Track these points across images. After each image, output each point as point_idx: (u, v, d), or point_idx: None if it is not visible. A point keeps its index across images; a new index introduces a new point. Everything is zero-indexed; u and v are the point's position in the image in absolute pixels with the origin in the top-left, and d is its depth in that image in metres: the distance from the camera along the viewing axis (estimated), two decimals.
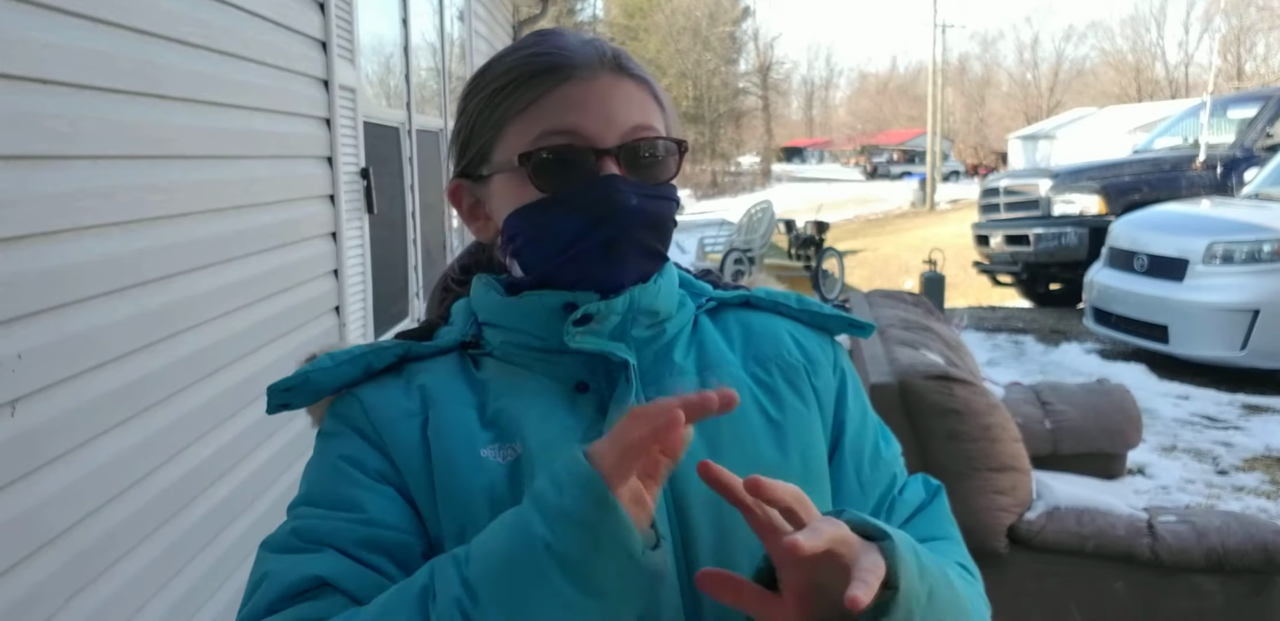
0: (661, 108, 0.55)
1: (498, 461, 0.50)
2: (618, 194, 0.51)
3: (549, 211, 0.52)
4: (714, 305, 0.59)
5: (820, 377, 0.57)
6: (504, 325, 0.54)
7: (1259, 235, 3.86)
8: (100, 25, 1.09)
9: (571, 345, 0.51)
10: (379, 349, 0.54)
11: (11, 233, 0.92)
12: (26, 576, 0.92)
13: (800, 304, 0.59)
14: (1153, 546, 1.49)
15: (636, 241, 0.52)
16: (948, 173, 25.71)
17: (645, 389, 0.53)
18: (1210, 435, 3.30)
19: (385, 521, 0.50)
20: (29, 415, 0.93)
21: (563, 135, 0.51)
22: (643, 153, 0.53)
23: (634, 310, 0.53)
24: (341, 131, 1.97)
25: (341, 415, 0.54)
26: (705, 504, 0.50)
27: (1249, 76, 20.03)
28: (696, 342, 0.56)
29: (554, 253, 0.52)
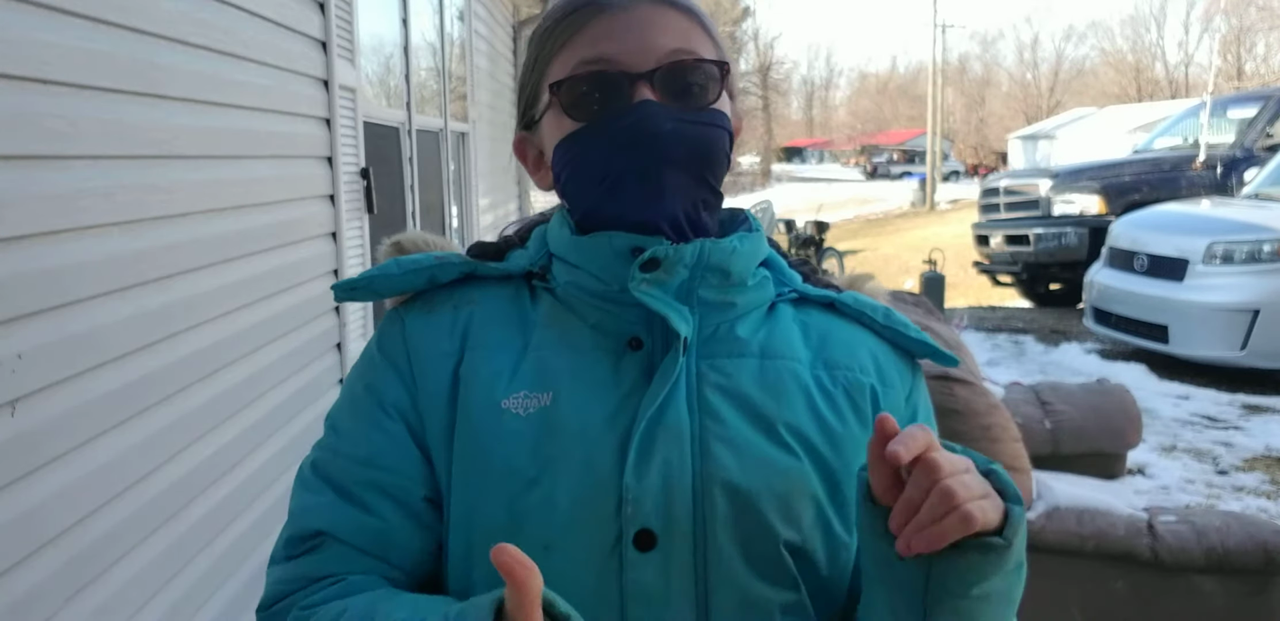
0: (709, 34, 0.52)
1: (517, 413, 0.49)
2: (651, 119, 0.48)
3: (584, 141, 0.50)
4: (796, 297, 0.55)
5: (889, 402, 0.53)
6: (571, 262, 0.52)
7: (1259, 235, 3.86)
8: (101, 25, 1.09)
9: (635, 293, 0.49)
10: (447, 263, 0.53)
11: (11, 233, 0.91)
12: (26, 576, 0.92)
13: (887, 319, 0.55)
14: (1153, 546, 1.48)
15: (676, 168, 0.49)
16: (948, 173, 25.71)
17: (700, 362, 0.50)
18: (1210, 435, 3.30)
19: (387, 463, 0.50)
20: (29, 415, 0.93)
21: (596, 63, 0.49)
22: (680, 76, 0.50)
23: (703, 265, 0.49)
24: (341, 131, 1.97)
25: (383, 337, 0.54)
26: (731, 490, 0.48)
27: (1249, 76, 20.03)
28: (768, 327, 0.53)
29: (592, 185, 0.50)
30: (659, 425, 0.48)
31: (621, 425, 0.48)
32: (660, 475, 0.47)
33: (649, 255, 0.48)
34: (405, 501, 0.50)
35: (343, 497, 0.50)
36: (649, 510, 0.47)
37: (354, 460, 0.51)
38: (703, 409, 0.49)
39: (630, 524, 0.47)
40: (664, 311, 0.48)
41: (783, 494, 0.48)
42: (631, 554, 0.47)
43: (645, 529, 0.47)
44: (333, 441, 0.53)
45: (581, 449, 0.48)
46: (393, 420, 0.51)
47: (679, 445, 0.48)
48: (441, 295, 0.54)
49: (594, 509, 0.47)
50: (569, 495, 0.47)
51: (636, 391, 0.49)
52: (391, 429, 0.51)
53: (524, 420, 0.49)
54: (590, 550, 0.47)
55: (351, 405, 0.53)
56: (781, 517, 0.48)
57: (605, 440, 0.48)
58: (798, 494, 0.49)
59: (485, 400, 0.49)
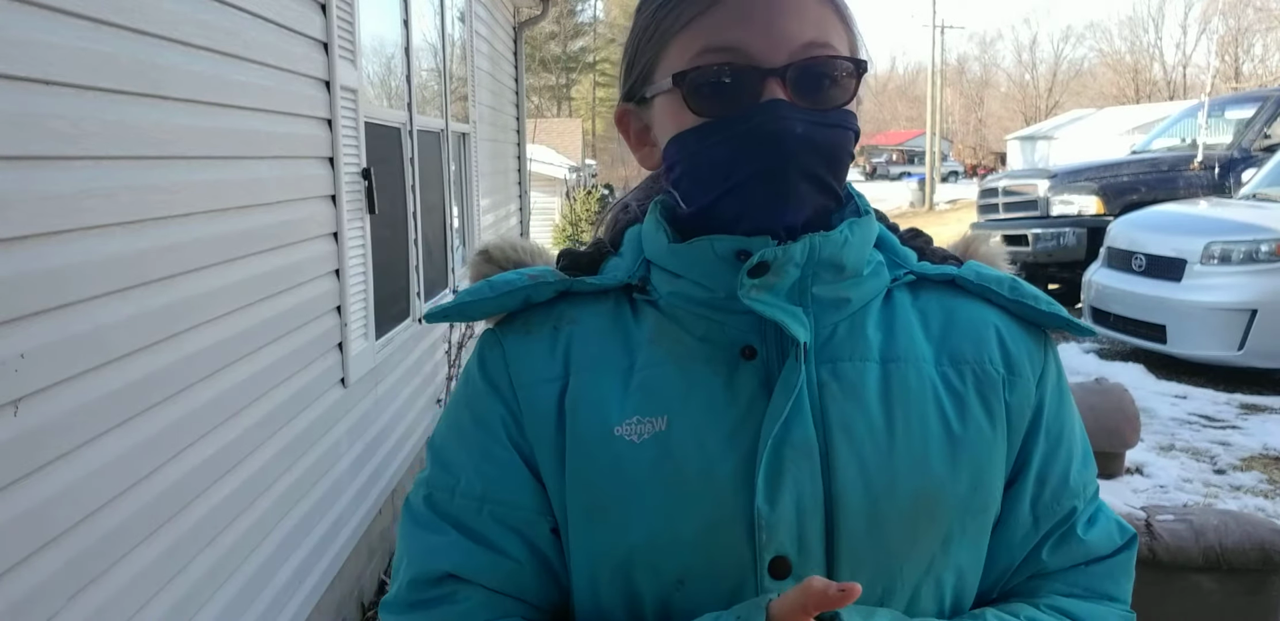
0: (845, 24, 0.48)
1: (631, 440, 0.46)
2: (781, 121, 0.44)
3: (706, 138, 0.46)
4: (912, 279, 0.51)
5: (1017, 392, 0.49)
6: (671, 270, 0.49)
7: (1256, 235, 3.87)
8: (103, 26, 1.09)
9: (745, 301, 0.45)
10: (541, 283, 0.50)
11: (14, 233, 0.92)
12: (29, 575, 0.92)
13: (1014, 293, 0.50)
14: (1151, 545, 1.49)
15: (803, 175, 0.45)
16: (946, 173, 25.72)
17: (819, 369, 0.47)
18: (1208, 434, 3.30)
19: (507, 497, 0.48)
20: (32, 414, 0.93)
21: (724, 52, 0.45)
22: (814, 74, 0.46)
23: (815, 262, 0.46)
24: (343, 132, 1.97)
25: (484, 361, 0.51)
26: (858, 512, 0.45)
27: (1246, 77, 20.06)
28: (887, 322, 0.49)
29: (712, 185, 0.46)
30: (785, 443, 0.45)
31: (743, 445, 0.45)
32: (793, 498, 0.44)
33: (757, 259, 0.45)
34: (533, 535, 0.48)
35: (467, 536, 0.48)
36: (783, 536, 0.44)
37: (472, 496, 0.48)
38: (827, 422, 0.46)
39: (765, 551, 0.44)
40: (779, 318, 0.45)
41: (910, 514, 0.46)
42: (768, 582, 0.44)
43: (780, 556, 0.44)
44: (444, 476, 0.50)
45: (702, 473, 0.45)
46: (505, 449, 0.49)
47: (809, 464, 0.45)
48: (539, 315, 0.51)
49: (723, 537, 0.45)
50: (695, 525, 0.45)
51: (755, 406, 0.46)
52: (505, 459, 0.48)
53: (639, 448, 0.46)
54: (724, 580, 0.45)
55: (459, 435, 0.50)
56: (908, 539, 0.46)
57: (726, 463, 0.45)
58: (927, 514, 0.46)
59: (596, 427, 0.47)
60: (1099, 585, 0.51)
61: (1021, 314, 0.51)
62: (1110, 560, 0.51)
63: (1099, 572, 0.51)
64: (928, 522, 0.46)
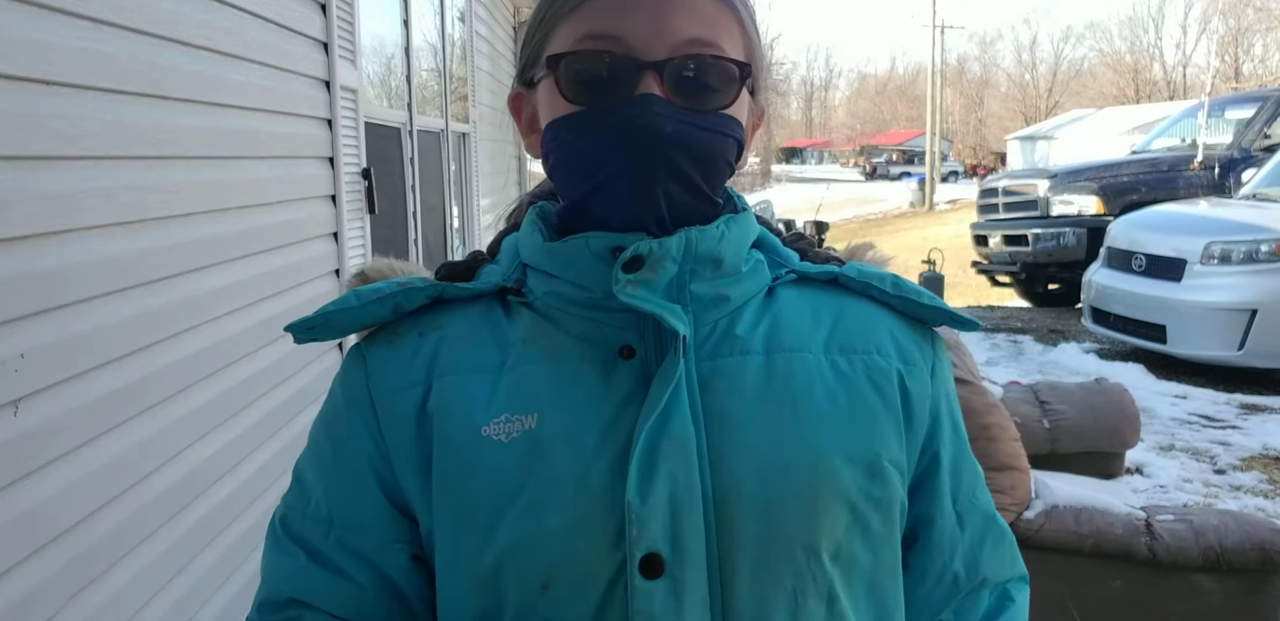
0: (741, 26, 0.46)
1: (499, 440, 0.44)
2: (652, 117, 0.43)
3: (577, 128, 0.44)
4: (794, 277, 0.50)
5: (915, 381, 0.48)
6: (547, 271, 0.47)
7: (1256, 235, 3.86)
8: (103, 26, 1.09)
9: (620, 297, 0.44)
10: (410, 289, 0.48)
11: (14, 233, 0.92)
12: (29, 575, 0.92)
13: (896, 289, 0.49)
14: (1151, 545, 1.49)
15: (671, 174, 0.43)
16: (946, 173, 25.72)
17: (700, 365, 0.45)
18: (1208, 434, 3.30)
19: (358, 525, 0.47)
20: (31, 414, 0.93)
21: (603, 40, 0.44)
22: (693, 72, 0.44)
23: (692, 256, 0.45)
24: (343, 132, 1.97)
25: (345, 377, 0.50)
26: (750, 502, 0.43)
27: (1246, 77, 20.06)
28: (771, 316, 0.48)
29: (582, 178, 0.45)
30: (662, 435, 0.43)
31: (618, 440, 0.43)
32: (666, 492, 0.42)
33: (631, 253, 0.44)
34: (381, 562, 0.46)
35: (315, 560, 0.47)
36: (655, 532, 0.42)
37: (320, 519, 0.47)
38: (709, 415, 0.44)
39: (635, 548, 0.42)
40: (656, 311, 0.44)
41: (809, 498, 0.44)
42: (638, 581, 0.42)
43: (652, 553, 0.42)
44: (300, 497, 0.49)
45: (573, 470, 0.43)
46: (361, 475, 0.47)
47: (685, 457, 0.43)
48: (407, 324, 0.49)
49: (593, 535, 0.42)
50: (563, 523, 0.43)
51: (633, 401, 0.44)
52: (358, 483, 0.47)
53: (507, 447, 0.44)
54: (591, 582, 0.42)
55: (316, 456, 0.49)
56: (811, 524, 0.44)
57: (600, 457, 0.43)
58: (826, 495, 0.44)
59: (462, 429, 0.45)
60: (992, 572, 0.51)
61: (906, 310, 0.50)
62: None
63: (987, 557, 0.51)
64: (828, 508, 0.44)
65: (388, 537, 0.47)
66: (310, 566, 0.47)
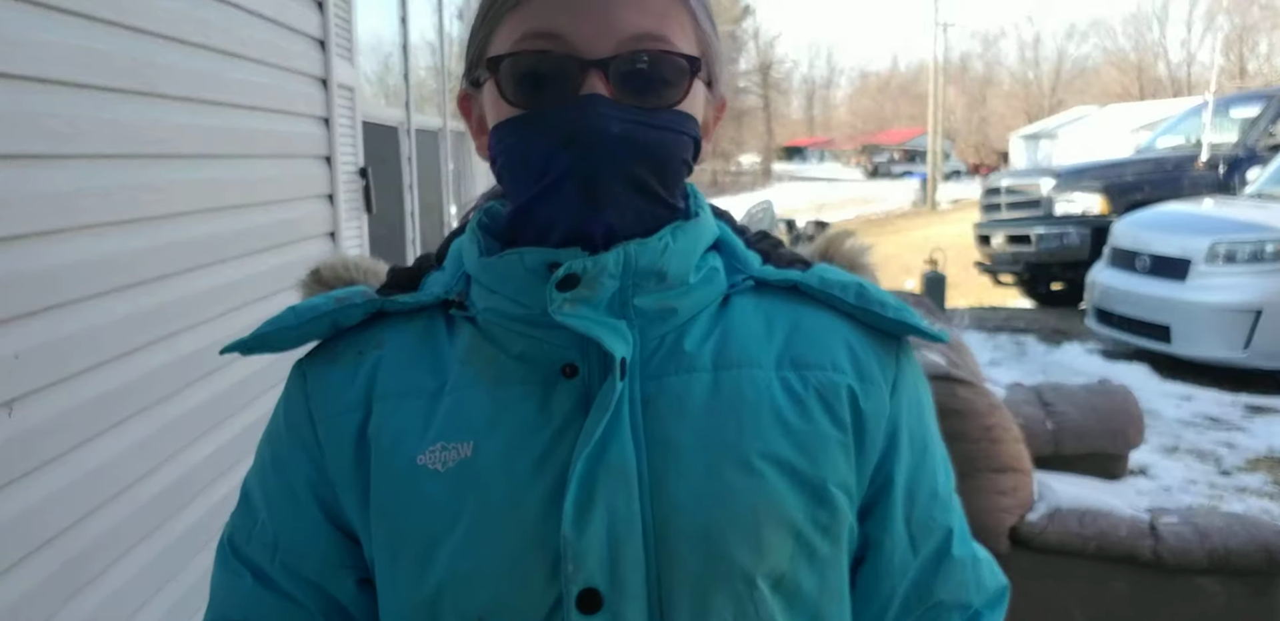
0: (692, 17, 0.44)
1: (435, 469, 0.43)
2: (597, 118, 0.41)
3: (521, 131, 0.43)
4: (753, 284, 0.47)
5: (871, 402, 0.45)
6: (487, 286, 0.45)
7: (1261, 235, 3.85)
8: (98, 24, 1.08)
9: (557, 317, 0.42)
10: (349, 306, 0.46)
11: (9, 232, 0.91)
12: (24, 578, 0.91)
13: (859, 299, 0.46)
14: (1155, 547, 1.48)
15: (620, 178, 0.41)
16: (949, 172, 25.70)
17: (645, 385, 0.43)
18: (1213, 436, 3.29)
19: (303, 548, 0.46)
20: (26, 415, 0.93)
21: (544, 39, 0.42)
22: (640, 69, 0.42)
23: (632, 271, 0.43)
24: (340, 131, 1.97)
25: (288, 397, 0.48)
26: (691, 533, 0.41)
27: (1252, 75, 20.00)
28: (721, 329, 0.45)
29: (527, 183, 0.43)
30: (599, 464, 0.41)
31: (554, 469, 0.42)
32: (604, 524, 0.41)
33: (564, 272, 0.42)
34: (328, 585, 0.46)
35: (262, 583, 0.46)
36: (593, 566, 0.41)
37: (265, 543, 0.47)
38: (651, 440, 0.42)
39: (571, 583, 0.41)
40: (595, 334, 0.42)
41: (752, 526, 0.42)
42: (575, 618, 0.41)
43: (589, 588, 0.41)
44: (246, 518, 0.48)
45: (507, 502, 0.42)
46: (303, 499, 0.46)
47: (624, 486, 0.41)
48: (345, 341, 0.47)
49: (528, 570, 0.41)
50: (498, 557, 0.41)
51: (572, 426, 0.42)
52: (303, 509, 0.46)
53: (442, 477, 0.42)
54: (527, 617, 0.41)
55: (261, 476, 0.48)
56: (753, 554, 0.42)
57: (535, 488, 0.42)
58: (770, 522, 0.42)
59: (398, 458, 0.43)
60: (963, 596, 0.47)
61: (869, 321, 0.47)
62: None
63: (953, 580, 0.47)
64: (771, 537, 0.42)
65: (333, 562, 0.46)
66: (257, 588, 0.47)
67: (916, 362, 0.49)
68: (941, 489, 0.48)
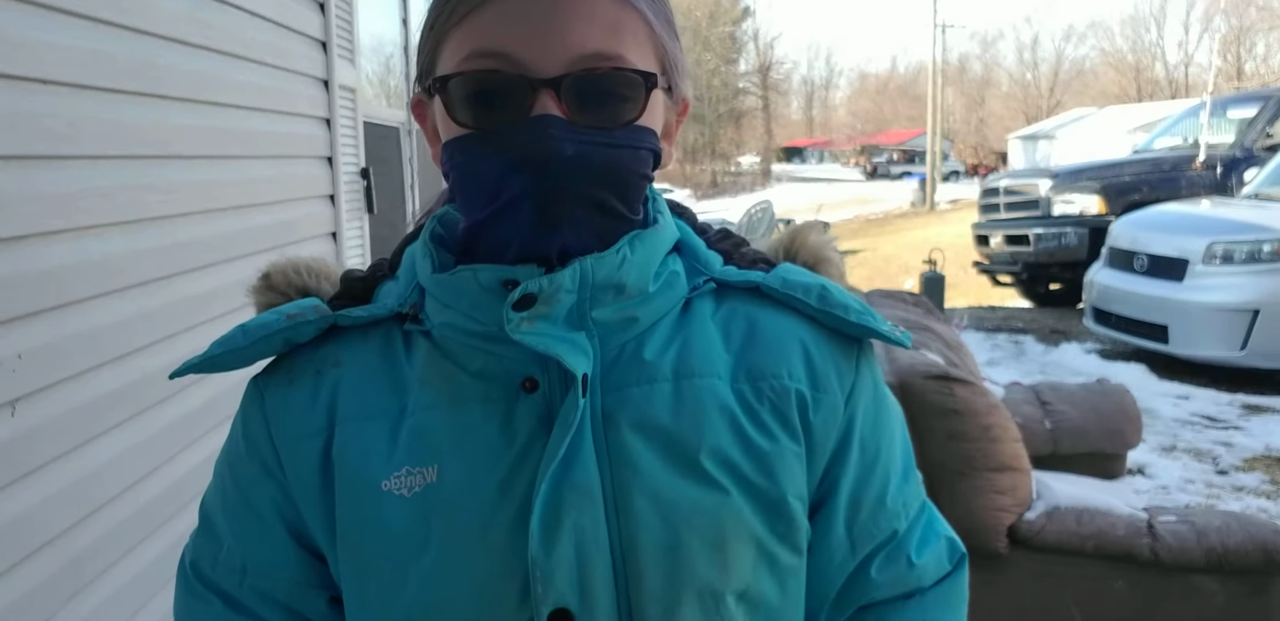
0: (648, 27, 0.42)
1: (401, 495, 0.42)
2: (548, 141, 0.40)
3: (472, 151, 0.41)
4: (714, 287, 0.47)
5: (822, 410, 0.45)
6: (440, 300, 0.44)
7: (1259, 235, 3.86)
8: (100, 25, 1.09)
9: (514, 336, 0.41)
10: (300, 323, 0.45)
11: (11, 233, 0.91)
12: (26, 577, 0.92)
13: (822, 302, 0.46)
14: (1153, 546, 1.48)
15: (578, 198, 0.41)
16: (948, 173, 25.72)
17: (605, 397, 0.43)
18: (1210, 435, 3.30)
19: (271, 572, 0.46)
20: (29, 415, 0.93)
21: (491, 58, 0.40)
22: (593, 87, 0.40)
23: (590, 285, 0.42)
24: (341, 131, 1.97)
25: (246, 418, 0.47)
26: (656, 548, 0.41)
27: (1249, 76, 20.04)
28: (682, 337, 0.45)
29: (481, 201, 0.42)
30: (564, 484, 0.41)
31: (520, 490, 0.41)
32: (572, 543, 0.41)
33: (520, 293, 0.41)
34: (300, 607, 0.46)
35: (231, 607, 0.46)
36: (563, 587, 0.40)
37: (233, 567, 0.46)
38: (614, 456, 0.42)
39: (542, 604, 0.40)
40: (554, 352, 0.41)
41: (716, 540, 0.42)
42: None
43: (560, 608, 0.41)
44: (208, 542, 0.47)
45: (475, 526, 0.41)
46: (269, 521, 0.46)
47: (591, 505, 0.41)
48: (303, 358, 0.46)
49: (499, 594, 0.41)
50: (468, 583, 0.41)
51: (535, 445, 0.42)
52: (268, 531, 0.45)
53: (408, 502, 0.42)
54: None
55: (223, 498, 0.47)
56: (718, 567, 0.42)
57: (502, 510, 0.41)
58: (733, 536, 0.43)
59: (363, 483, 0.43)
60: (933, 616, 0.48)
61: (831, 324, 0.46)
62: (940, 587, 0.48)
63: (930, 603, 0.48)
64: (735, 549, 0.43)
65: (304, 583, 0.46)
66: (227, 613, 0.46)
67: (877, 368, 0.49)
68: (891, 496, 0.48)
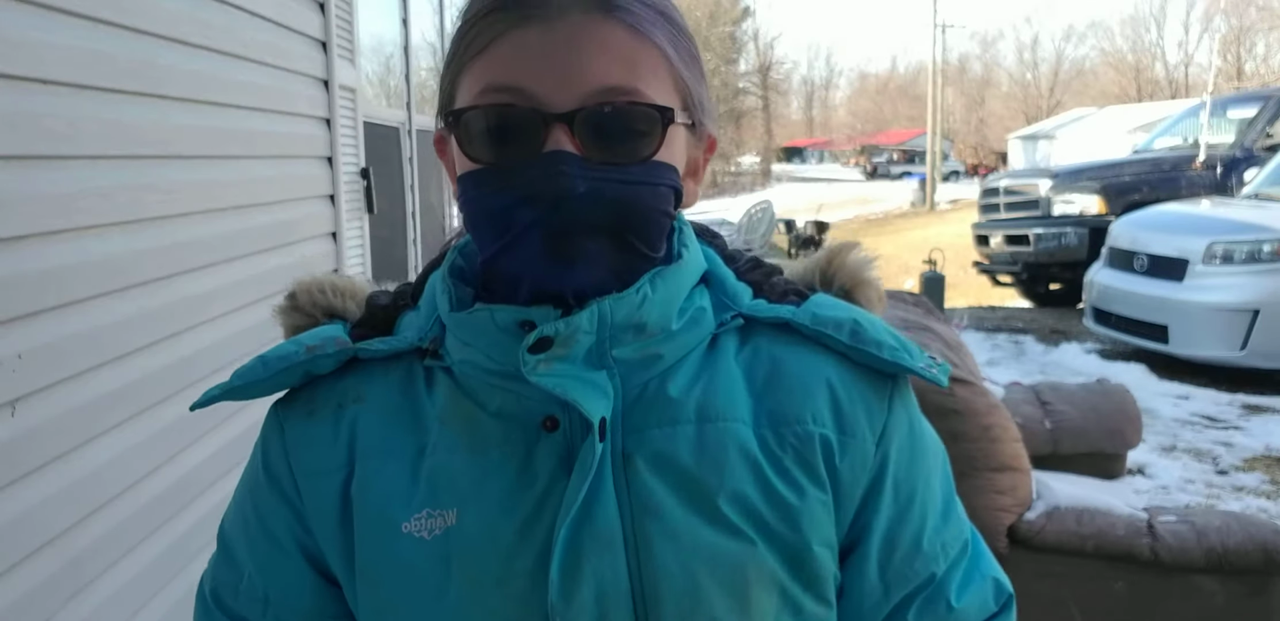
0: (665, 59, 0.42)
1: (421, 537, 0.42)
2: (559, 177, 0.39)
3: (484, 186, 0.41)
4: (742, 323, 0.45)
5: (849, 456, 0.44)
6: (460, 338, 0.44)
7: (1259, 235, 3.86)
8: (100, 25, 1.09)
9: (531, 379, 0.41)
10: (319, 356, 0.45)
11: (11, 233, 0.91)
12: (26, 577, 0.92)
13: (853, 339, 0.44)
14: (1153, 546, 1.48)
15: (591, 235, 0.40)
16: (947, 173, 25.72)
17: (626, 438, 0.42)
18: (1210, 435, 3.30)
19: (292, 604, 0.46)
20: (29, 415, 0.93)
21: (505, 92, 0.40)
22: (608, 122, 0.40)
23: (609, 326, 0.41)
24: (342, 131, 1.97)
25: (266, 449, 0.47)
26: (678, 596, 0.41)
27: (1249, 76, 20.04)
28: (707, 376, 0.44)
29: (492, 237, 0.41)
30: (583, 530, 0.40)
31: (539, 535, 0.41)
32: (592, 591, 0.40)
33: (536, 336, 0.40)
34: None
35: None
36: None
37: (255, 597, 0.46)
38: (634, 499, 0.41)
39: None
40: (571, 397, 0.40)
41: (738, 588, 0.42)
42: None
43: None
44: (229, 571, 0.48)
45: (494, 572, 0.41)
46: (289, 552, 0.46)
47: (611, 552, 0.41)
48: (323, 390, 0.46)
49: None
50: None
51: (555, 489, 0.41)
52: (290, 562, 0.45)
53: (428, 545, 0.42)
54: None
55: (244, 527, 0.48)
56: (739, 616, 0.42)
57: (521, 557, 0.41)
58: (756, 584, 0.42)
59: (383, 523, 0.43)
60: None
61: (862, 361, 0.45)
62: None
63: None
64: (758, 598, 0.42)
65: (326, 613, 0.46)
66: None
67: (913, 403, 0.47)
68: (929, 538, 0.46)
